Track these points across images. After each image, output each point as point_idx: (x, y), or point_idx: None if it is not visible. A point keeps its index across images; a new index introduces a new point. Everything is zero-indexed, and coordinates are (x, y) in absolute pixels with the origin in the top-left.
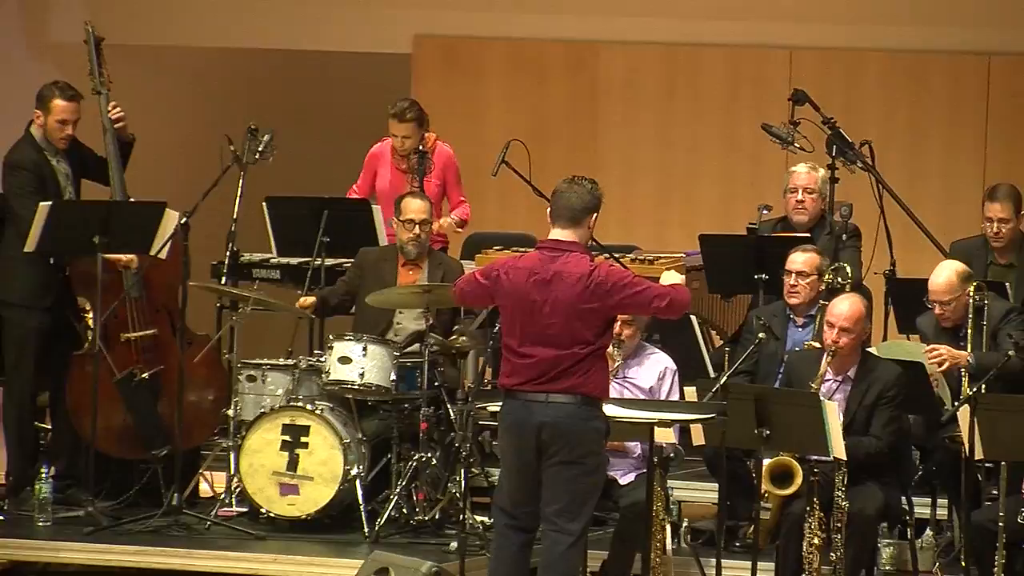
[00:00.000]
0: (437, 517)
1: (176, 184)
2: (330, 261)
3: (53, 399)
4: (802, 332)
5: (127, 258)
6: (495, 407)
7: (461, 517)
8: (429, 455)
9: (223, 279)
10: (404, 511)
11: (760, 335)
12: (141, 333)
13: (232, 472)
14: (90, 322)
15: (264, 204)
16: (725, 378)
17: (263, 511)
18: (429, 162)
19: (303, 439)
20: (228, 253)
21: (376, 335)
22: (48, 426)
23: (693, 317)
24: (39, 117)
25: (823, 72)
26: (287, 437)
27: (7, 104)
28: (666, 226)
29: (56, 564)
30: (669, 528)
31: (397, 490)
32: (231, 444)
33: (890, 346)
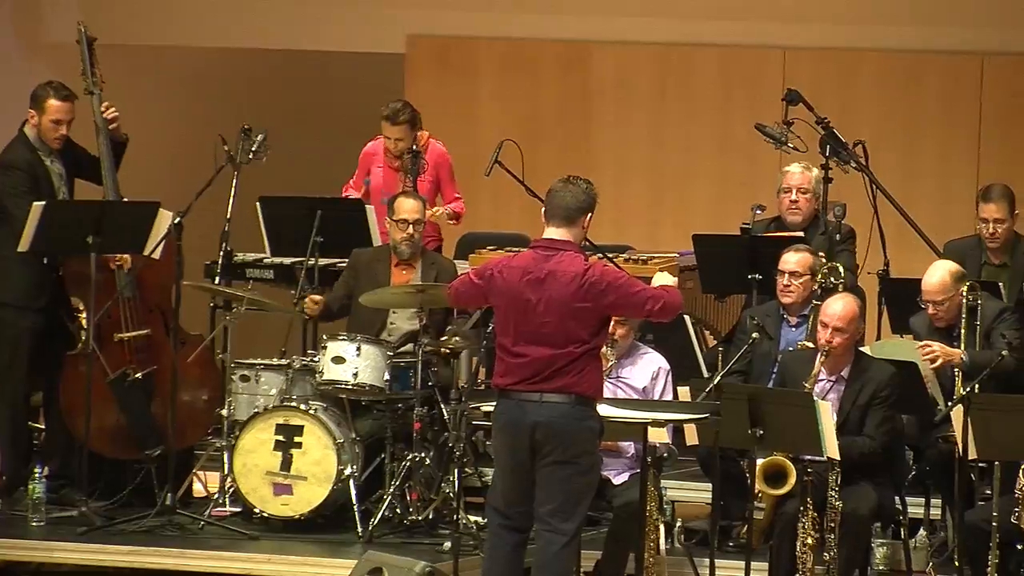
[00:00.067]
0: (431, 517)
1: (169, 184)
2: (323, 261)
3: (46, 399)
4: (795, 332)
5: (123, 257)
6: (488, 407)
7: (455, 517)
8: (423, 455)
9: (216, 279)
10: (398, 511)
11: (754, 335)
12: (134, 333)
13: (226, 472)
14: (83, 322)
15: (258, 204)
16: (719, 378)
17: (257, 511)
18: (422, 161)
19: (297, 439)
20: (222, 253)
21: (370, 335)
22: (41, 426)
23: (687, 317)
24: (33, 117)
25: (817, 72)
26: (281, 437)
27: (0, 104)
28: (659, 226)
29: (50, 564)
30: (663, 528)
31: (391, 490)
32: (225, 444)
33: (883, 344)
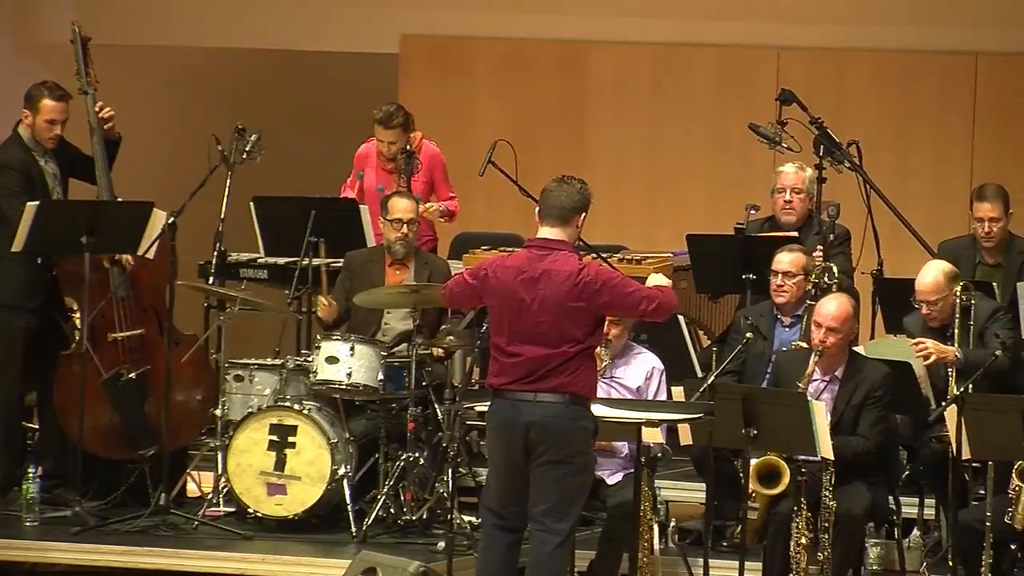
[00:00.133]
0: (425, 517)
1: (163, 184)
2: (317, 261)
3: (40, 399)
4: (789, 332)
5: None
6: (482, 407)
7: (449, 517)
8: (417, 455)
9: (210, 279)
10: (392, 511)
11: (748, 335)
12: (128, 333)
13: (220, 472)
14: (77, 322)
15: (252, 204)
16: (713, 378)
17: (250, 511)
18: (416, 162)
19: (291, 439)
20: (216, 253)
21: (366, 335)
22: (35, 426)
23: (681, 317)
24: (27, 117)
25: (811, 72)
26: (275, 437)
27: None
28: (654, 226)
29: (43, 564)
30: (657, 528)
31: (385, 490)
32: (218, 444)
33: (877, 344)
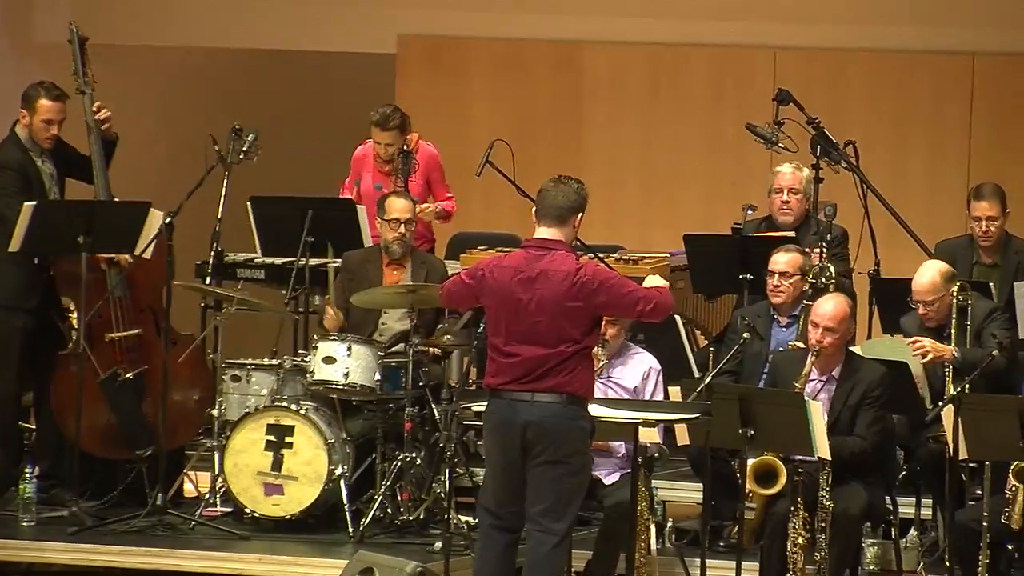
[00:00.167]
0: (422, 517)
1: (160, 184)
2: (314, 261)
3: (37, 399)
4: (786, 332)
5: (123, 257)
6: (480, 407)
7: (446, 517)
8: (414, 455)
9: (207, 279)
10: (389, 511)
11: (744, 335)
12: (125, 333)
13: (216, 472)
14: (74, 322)
15: (248, 204)
16: (709, 378)
17: (247, 511)
18: (413, 162)
19: (288, 439)
20: (212, 253)
21: (363, 335)
22: (32, 426)
23: (678, 317)
24: (24, 117)
25: (807, 72)
26: (272, 437)
27: None
28: (650, 226)
29: (40, 564)
30: (653, 528)
31: (382, 490)
32: (215, 444)
33: (874, 344)
